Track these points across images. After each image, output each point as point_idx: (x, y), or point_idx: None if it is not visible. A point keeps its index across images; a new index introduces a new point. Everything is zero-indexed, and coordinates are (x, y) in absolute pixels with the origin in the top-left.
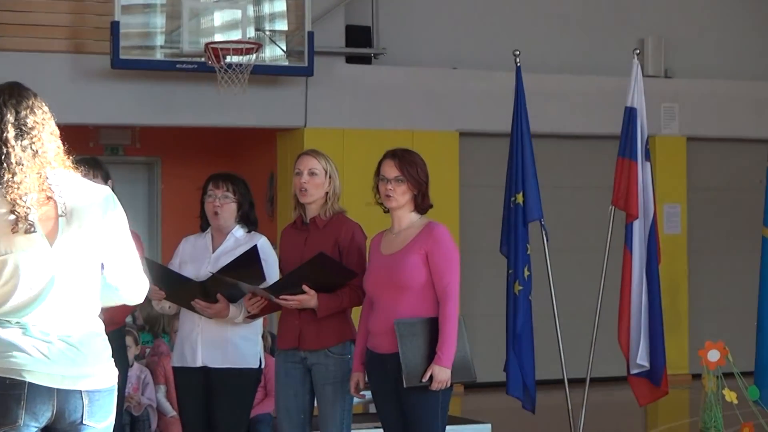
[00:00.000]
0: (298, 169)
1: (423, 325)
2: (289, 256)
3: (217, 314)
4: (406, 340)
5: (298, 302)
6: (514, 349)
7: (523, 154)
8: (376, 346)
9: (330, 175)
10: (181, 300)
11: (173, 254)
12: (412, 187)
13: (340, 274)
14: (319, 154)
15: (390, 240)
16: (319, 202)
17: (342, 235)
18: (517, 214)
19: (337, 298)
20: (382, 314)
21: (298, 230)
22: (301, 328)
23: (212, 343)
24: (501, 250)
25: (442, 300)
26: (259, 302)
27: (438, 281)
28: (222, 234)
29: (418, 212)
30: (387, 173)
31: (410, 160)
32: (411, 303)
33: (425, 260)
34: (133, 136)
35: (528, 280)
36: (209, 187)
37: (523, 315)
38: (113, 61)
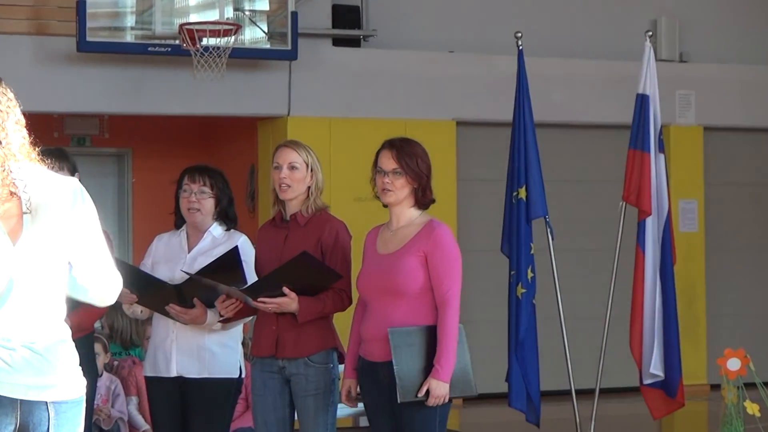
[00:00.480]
0: (276, 163)
1: (420, 334)
2: (267, 255)
3: (194, 320)
4: (401, 350)
5: (277, 305)
6: (517, 357)
7: (526, 145)
8: (368, 353)
9: (312, 168)
10: (154, 304)
11: (145, 254)
12: (412, 180)
13: (325, 276)
14: (300, 146)
15: (387, 237)
16: (300, 197)
17: (325, 234)
18: (519, 211)
19: (320, 302)
20: (375, 319)
21: (278, 228)
22: (278, 334)
23: (188, 351)
24: (502, 249)
25: (441, 307)
26: (234, 305)
27: (437, 286)
28: (198, 232)
29: (419, 208)
30: (384, 165)
31: (410, 151)
32: (407, 309)
33: (424, 263)
34: (102, 126)
35: (532, 282)
36: (184, 181)
37: (526, 320)
38: (79, 43)
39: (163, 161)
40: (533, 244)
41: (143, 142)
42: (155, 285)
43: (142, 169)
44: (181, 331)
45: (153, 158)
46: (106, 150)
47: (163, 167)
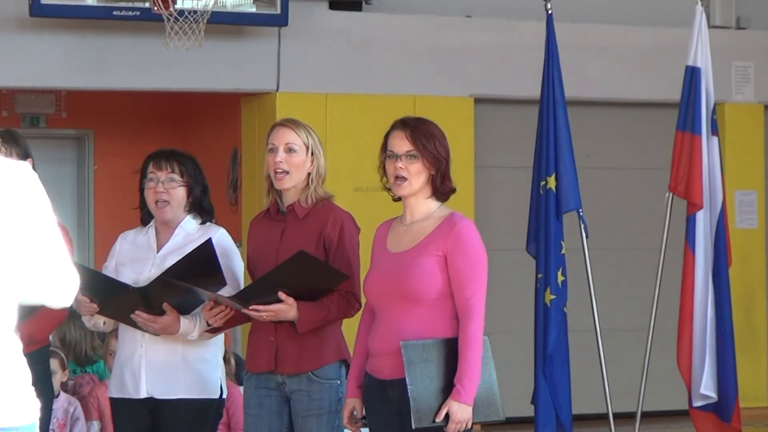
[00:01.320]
0: (272, 145)
1: (437, 348)
2: (261, 254)
3: (165, 329)
4: (416, 367)
5: (272, 313)
6: (545, 375)
7: (556, 126)
8: (376, 370)
9: (313, 151)
10: (118, 313)
11: (108, 255)
12: (429, 165)
13: (328, 277)
14: (299, 125)
15: (400, 233)
16: (299, 185)
17: (328, 228)
18: (548, 203)
19: (323, 307)
20: (385, 330)
21: (273, 221)
22: (277, 347)
23: (160, 367)
24: (528, 248)
25: (463, 316)
26: (224, 312)
27: (459, 292)
28: (169, 228)
29: (437, 199)
30: (396, 147)
31: (426, 131)
32: (423, 318)
33: (443, 264)
34: (59, 104)
35: (562, 287)
36: (149, 168)
37: (556, 331)
38: (32, 6)
39: (131, 145)
40: (564, 243)
41: (107, 122)
42: (119, 290)
43: (105, 154)
44: (151, 344)
45: (118, 142)
46: (63, 132)
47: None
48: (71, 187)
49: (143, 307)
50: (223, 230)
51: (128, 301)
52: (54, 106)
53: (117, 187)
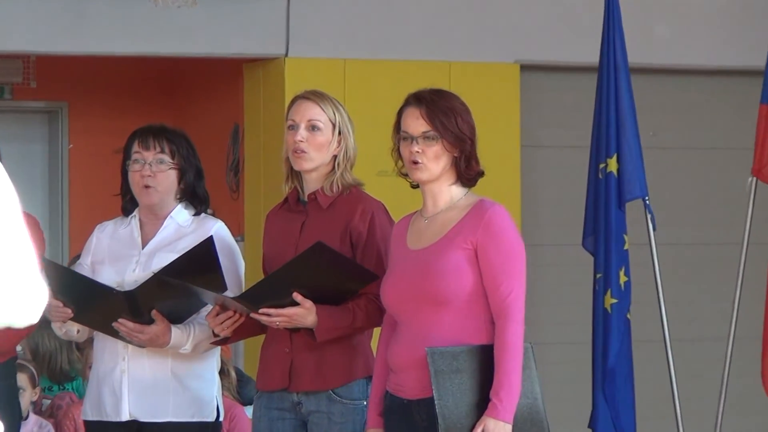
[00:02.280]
0: (292, 121)
1: (470, 356)
2: (278, 251)
3: (153, 341)
4: (445, 378)
5: (286, 319)
6: (605, 393)
7: (618, 98)
8: (398, 389)
9: (341, 130)
10: (96, 321)
11: (83, 251)
12: (451, 146)
13: (353, 277)
14: (326, 99)
15: (421, 227)
16: (323, 169)
17: (356, 219)
18: (608, 190)
19: (347, 313)
20: (408, 341)
21: (291, 212)
22: (293, 359)
23: (145, 385)
24: (584, 243)
25: (499, 318)
26: (233, 318)
27: (493, 290)
28: (156, 219)
29: (463, 184)
30: (411, 128)
31: (445, 106)
32: (452, 324)
33: (473, 258)
34: (27, 71)
35: (626, 290)
36: (134, 147)
37: (618, 342)
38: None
39: (112, 120)
40: (627, 237)
41: (84, 93)
42: (98, 293)
43: (82, 131)
44: (136, 357)
45: (97, 116)
46: (32, 104)
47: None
48: (41, 169)
49: (128, 314)
50: (221, 223)
51: (110, 307)
52: (21, 75)
53: (95, 170)
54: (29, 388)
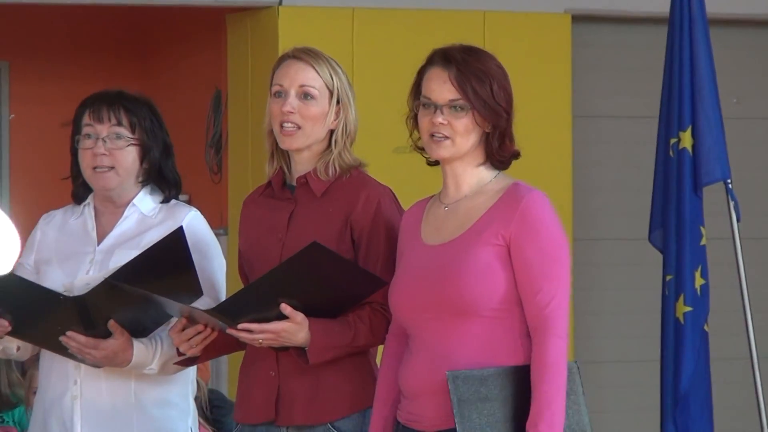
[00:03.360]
0: (278, 86)
1: (502, 379)
2: (258, 249)
3: (111, 359)
4: (471, 409)
5: (272, 336)
6: (677, 423)
7: (693, 57)
8: (411, 418)
9: (339, 98)
10: (40, 335)
11: (25, 247)
12: (482, 120)
13: (354, 283)
14: (320, 59)
15: (439, 217)
16: (316, 147)
17: (358, 210)
18: (682, 171)
19: (346, 328)
20: (423, 359)
21: (276, 200)
22: (280, 385)
23: (103, 413)
24: (651, 238)
25: (538, 332)
26: (203, 334)
27: (531, 297)
28: (114, 207)
29: (493, 166)
30: (435, 94)
31: (479, 70)
32: (479, 339)
33: (505, 258)
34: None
35: (702, 295)
36: (84, 119)
37: (693, 359)
38: None
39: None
40: (705, 229)
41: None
42: (41, 300)
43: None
44: (90, 379)
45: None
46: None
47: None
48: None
49: (79, 326)
50: (196, 212)
51: (56, 317)
52: None
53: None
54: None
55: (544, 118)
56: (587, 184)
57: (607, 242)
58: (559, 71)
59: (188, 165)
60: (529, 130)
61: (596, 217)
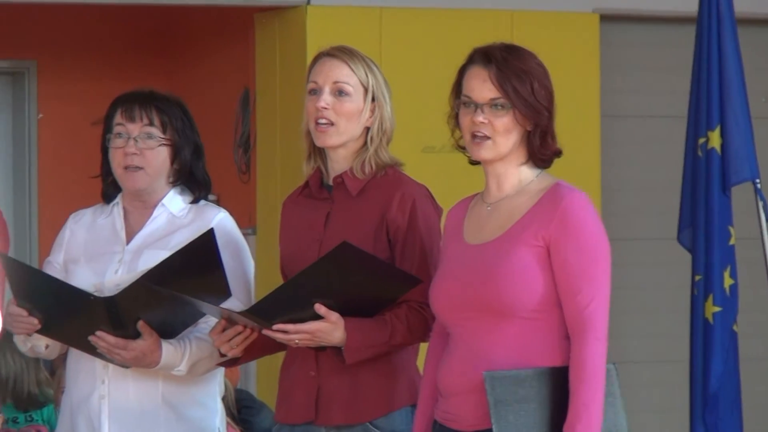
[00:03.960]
0: (314, 83)
1: (539, 381)
2: (298, 249)
3: (139, 360)
4: (508, 410)
5: (308, 336)
6: (706, 423)
7: (722, 56)
8: (450, 417)
9: (374, 96)
10: (69, 334)
11: (53, 246)
12: (524, 118)
13: (389, 281)
14: (356, 57)
15: (481, 216)
16: (352, 146)
17: (394, 209)
18: (710, 171)
19: (383, 327)
20: (461, 358)
21: (314, 200)
22: (320, 386)
23: (130, 415)
24: (680, 238)
25: (577, 334)
26: (243, 335)
27: (570, 299)
28: (144, 207)
29: (535, 165)
30: (476, 93)
31: (520, 69)
32: (517, 339)
33: (544, 259)
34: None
35: (731, 295)
36: (116, 118)
37: (722, 360)
38: None
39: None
40: (734, 229)
41: (55, 51)
42: (71, 299)
43: (54, 97)
44: (118, 379)
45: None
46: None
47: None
48: (3, 144)
49: (108, 326)
50: (225, 212)
51: (86, 317)
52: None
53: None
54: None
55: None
56: (615, 184)
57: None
58: (587, 71)
59: (216, 165)
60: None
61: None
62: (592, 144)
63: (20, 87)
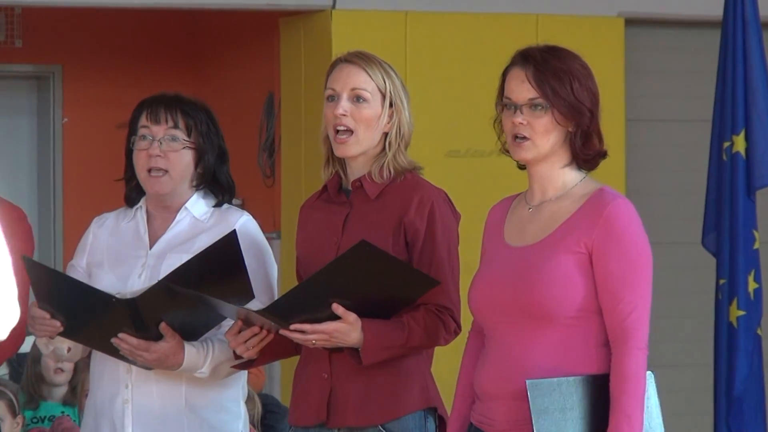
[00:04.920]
0: (331, 90)
1: (581, 389)
2: (316, 252)
3: (162, 362)
4: (549, 418)
5: (325, 337)
6: (730, 427)
7: (747, 60)
8: (486, 421)
9: (392, 101)
10: (92, 336)
11: (77, 249)
12: (564, 119)
13: (407, 283)
14: (373, 63)
15: (523, 218)
16: (371, 151)
17: (412, 212)
18: (735, 175)
19: (400, 328)
20: (501, 363)
21: (332, 204)
22: (332, 388)
23: (153, 418)
24: (704, 242)
25: (618, 343)
26: (259, 336)
27: (611, 308)
28: (167, 211)
29: (579, 167)
30: (515, 94)
31: (559, 69)
32: (556, 346)
33: (586, 265)
34: (10, 27)
35: (756, 299)
36: (141, 121)
37: (746, 364)
38: None
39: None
40: (758, 233)
41: (81, 55)
42: (93, 302)
43: (79, 101)
44: (141, 382)
45: (97, 83)
46: (17, 68)
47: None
48: (29, 148)
49: (131, 328)
50: (248, 216)
51: (108, 319)
52: (4, 32)
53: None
54: (8, 417)
55: None
56: (640, 188)
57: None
58: (612, 74)
59: (241, 169)
60: None
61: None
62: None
63: (45, 91)
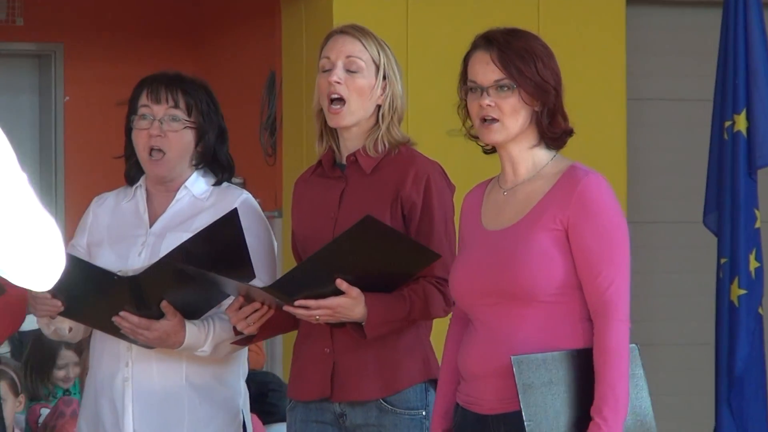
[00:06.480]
0: (326, 59)
1: (566, 364)
2: (311, 227)
3: (163, 340)
4: (535, 393)
5: (329, 312)
6: (732, 406)
7: (748, 39)
8: (472, 400)
9: (386, 73)
10: (93, 315)
11: (77, 229)
12: (530, 98)
13: (409, 257)
14: (367, 35)
15: (498, 201)
16: (364, 124)
17: (408, 186)
18: (736, 154)
19: (402, 302)
20: (483, 343)
21: (327, 179)
22: (335, 362)
23: (154, 397)
24: (706, 221)
25: (598, 317)
26: (259, 312)
27: (590, 282)
28: (167, 190)
29: (549, 146)
30: (480, 76)
31: (522, 49)
32: (539, 323)
33: (564, 242)
34: (12, 6)
35: (757, 279)
36: (141, 100)
37: (747, 343)
38: None
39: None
40: (759, 212)
41: (82, 34)
42: (94, 280)
43: (80, 79)
44: (142, 362)
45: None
46: (19, 47)
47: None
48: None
49: (132, 307)
50: (248, 194)
51: (109, 297)
52: (5, 10)
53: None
54: (10, 397)
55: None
56: (641, 167)
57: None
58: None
59: (243, 148)
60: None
61: (650, 200)
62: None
63: (47, 70)
